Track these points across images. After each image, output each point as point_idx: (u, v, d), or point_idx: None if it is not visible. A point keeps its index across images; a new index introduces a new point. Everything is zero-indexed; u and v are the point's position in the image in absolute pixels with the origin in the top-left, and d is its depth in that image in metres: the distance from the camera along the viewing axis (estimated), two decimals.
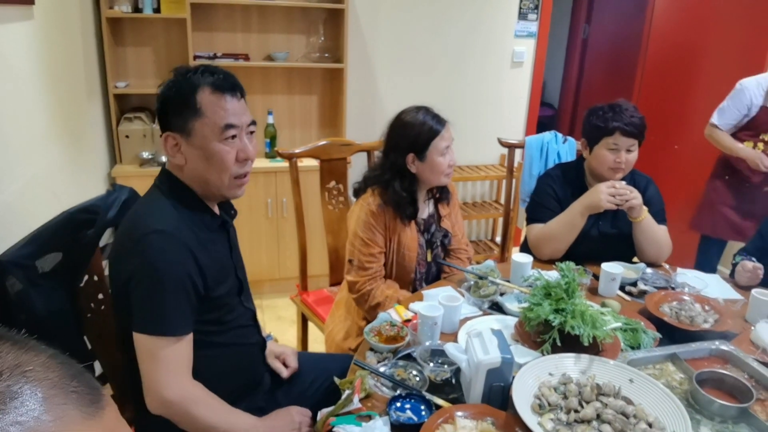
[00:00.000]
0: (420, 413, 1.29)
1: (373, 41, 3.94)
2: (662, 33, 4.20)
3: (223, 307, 1.46)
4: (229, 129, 1.36)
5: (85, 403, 0.49)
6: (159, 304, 1.30)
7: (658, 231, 2.17)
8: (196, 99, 1.34)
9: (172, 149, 1.39)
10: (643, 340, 1.59)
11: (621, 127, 2.09)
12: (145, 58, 3.53)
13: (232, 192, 1.44)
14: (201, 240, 1.39)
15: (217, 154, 1.37)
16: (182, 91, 1.36)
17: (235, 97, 1.38)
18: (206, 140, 1.36)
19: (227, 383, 1.50)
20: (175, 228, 1.33)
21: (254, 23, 3.66)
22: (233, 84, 1.39)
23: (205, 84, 1.35)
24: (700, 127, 3.88)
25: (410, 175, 2.01)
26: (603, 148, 2.14)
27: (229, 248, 1.53)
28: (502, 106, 4.39)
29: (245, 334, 1.56)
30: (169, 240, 1.31)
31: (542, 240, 2.19)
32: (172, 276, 1.30)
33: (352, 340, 2.09)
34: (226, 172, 1.39)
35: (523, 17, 4.20)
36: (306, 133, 3.96)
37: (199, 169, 1.39)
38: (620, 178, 2.15)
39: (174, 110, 1.37)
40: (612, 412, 1.22)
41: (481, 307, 1.81)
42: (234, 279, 1.53)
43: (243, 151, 1.40)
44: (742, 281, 2.07)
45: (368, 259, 2.00)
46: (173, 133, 1.38)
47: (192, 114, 1.35)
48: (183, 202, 1.41)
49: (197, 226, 1.41)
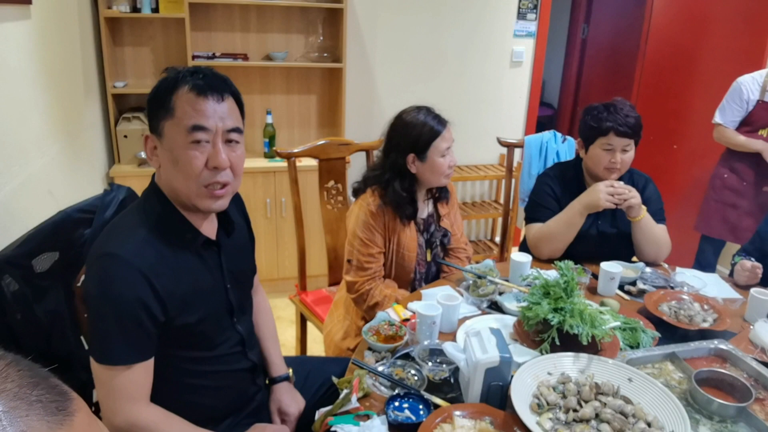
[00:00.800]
0: (418, 413, 1.28)
1: (372, 41, 3.94)
2: (661, 32, 4.20)
3: (199, 333, 1.36)
4: (196, 131, 1.24)
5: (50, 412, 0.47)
6: (105, 332, 1.22)
7: (656, 230, 2.16)
8: (172, 99, 1.25)
9: (151, 152, 1.31)
10: (642, 339, 1.59)
11: (615, 128, 2.08)
12: (143, 57, 3.53)
13: (204, 203, 1.30)
14: (173, 264, 1.29)
15: (183, 158, 1.25)
16: (161, 91, 1.27)
17: (216, 99, 1.26)
18: (174, 142, 1.25)
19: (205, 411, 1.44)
20: (133, 253, 1.23)
21: (253, 23, 3.65)
22: (214, 85, 1.27)
23: (184, 84, 1.25)
24: (698, 127, 3.89)
25: (410, 175, 2.00)
26: (598, 148, 2.14)
27: (219, 268, 1.42)
28: (501, 105, 4.39)
29: (231, 360, 1.46)
30: (120, 265, 1.21)
31: (541, 239, 2.19)
32: (118, 303, 1.21)
33: (350, 339, 2.09)
34: (192, 180, 1.26)
35: (522, 17, 4.20)
36: (305, 133, 3.96)
37: (169, 175, 1.29)
38: (616, 178, 2.15)
39: (151, 110, 1.29)
40: (611, 412, 1.22)
41: (480, 306, 1.80)
42: (223, 301, 1.43)
43: (213, 158, 1.26)
44: (741, 281, 2.07)
45: (367, 259, 2.00)
46: (151, 135, 1.30)
47: (164, 114, 1.26)
48: (161, 221, 1.31)
49: (172, 246, 1.31)
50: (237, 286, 1.48)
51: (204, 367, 1.41)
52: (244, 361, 1.51)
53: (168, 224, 1.32)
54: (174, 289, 1.28)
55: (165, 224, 1.31)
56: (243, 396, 1.53)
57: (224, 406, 1.49)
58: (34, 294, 1.37)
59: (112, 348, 1.23)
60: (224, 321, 1.44)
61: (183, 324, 1.32)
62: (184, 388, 1.39)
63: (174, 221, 1.33)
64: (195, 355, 1.38)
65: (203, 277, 1.37)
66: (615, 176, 2.14)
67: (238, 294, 1.49)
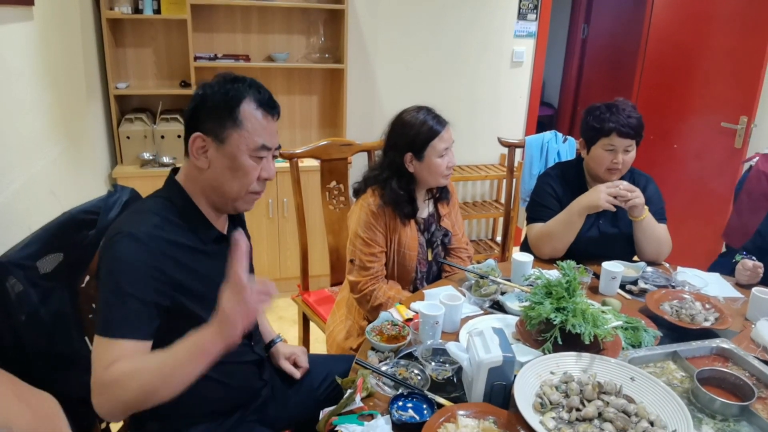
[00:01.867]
0: (422, 412, 1.29)
1: (373, 42, 3.94)
2: (661, 32, 4.20)
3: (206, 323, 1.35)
4: (262, 149, 1.37)
5: None
6: (118, 304, 1.24)
7: (658, 229, 2.17)
8: (239, 110, 1.34)
9: (198, 151, 1.37)
10: (644, 338, 1.59)
11: (617, 128, 2.09)
12: (145, 59, 3.54)
13: (245, 205, 1.45)
14: (185, 252, 1.36)
15: (244, 168, 1.37)
16: (227, 98, 1.35)
17: (274, 118, 1.40)
18: (238, 152, 1.35)
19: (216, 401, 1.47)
20: (150, 234, 1.30)
21: (254, 24, 3.66)
22: (274, 105, 1.40)
23: (251, 97, 1.36)
24: (699, 126, 3.90)
25: (408, 174, 2.00)
26: (600, 148, 2.14)
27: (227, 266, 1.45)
28: (501, 105, 4.39)
29: (237, 352, 1.45)
30: (137, 244, 1.27)
31: (542, 239, 2.19)
32: (132, 278, 1.25)
33: (353, 339, 2.09)
34: (245, 187, 1.39)
35: (523, 17, 4.21)
36: (306, 134, 3.96)
37: (221, 177, 1.38)
38: (617, 178, 2.15)
39: (212, 113, 1.35)
40: (614, 411, 1.22)
41: (482, 306, 1.81)
42: None
43: (266, 171, 1.41)
44: (742, 280, 2.07)
45: (369, 258, 2.00)
46: (204, 135, 1.36)
47: (231, 123, 1.34)
48: (179, 214, 1.39)
49: (187, 239, 1.37)
50: None
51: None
52: (251, 354, 1.56)
53: (185, 216, 1.40)
54: (183, 277, 1.33)
55: (182, 215, 1.39)
56: (250, 390, 1.57)
57: (231, 399, 1.51)
58: (39, 295, 1.37)
59: (120, 319, 1.24)
60: None
61: (190, 313, 1.35)
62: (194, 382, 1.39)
63: (191, 215, 1.41)
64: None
65: (212, 270, 1.40)
66: (616, 177, 2.15)
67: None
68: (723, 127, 3.67)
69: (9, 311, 1.31)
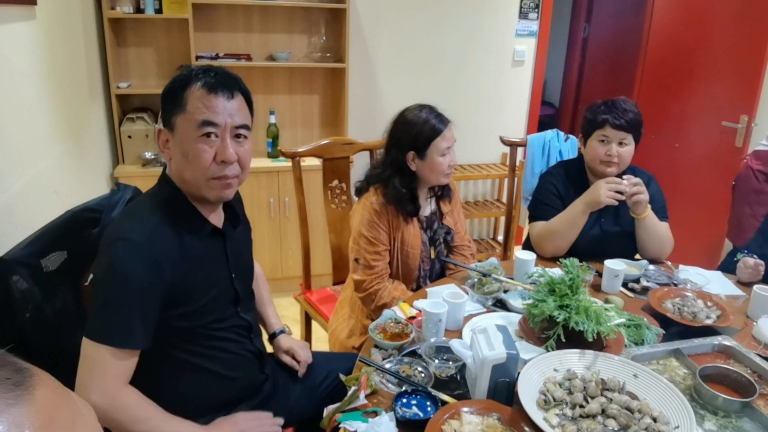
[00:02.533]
0: (426, 409, 1.29)
1: (375, 40, 3.95)
2: (662, 31, 4.21)
3: (207, 317, 1.40)
4: (206, 126, 1.31)
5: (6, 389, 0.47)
6: (106, 311, 1.26)
7: (660, 227, 2.17)
8: (184, 95, 1.32)
9: (163, 144, 1.38)
10: (647, 335, 1.60)
11: (610, 120, 2.10)
12: (147, 58, 3.54)
13: (213, 193, 1.37)
14: (182, 250, 1.35)
15: (193, 151, 1.32)
16: (174, 87, 1.35)
17: (226, 96, 1.33)
18: (185, 136, 1.32)
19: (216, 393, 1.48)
20: (146, 238, 1.28)
21: (256, 23, 3.67)
22: (225, 83, 1.34)
23: (197, 81, 1.33)
24: (699, 125, 3.90)
25: (410, 172, 2.01)
26: (594, 140, 2.16)
27: (225, 258, 1.47)
28: (503, 105, 4.40)
29: (238, 345, 1.51)
30: (134, 250, 1.26)
31: (544, 238, 2.20)
32: (126, 286, 1.25)
33: (355, 338, 2.10)
34: (201, 172, 1.33)
35: (524, 16, 4.21)
36: (308, 133, 3.97)
37: (180, 166, 1.35)
38: (616, 172, 2.16)
39: (165, 105, 1.36)
40: (617, 407, 1.22)
41: (485, 304, 1.81)
42: (229, 289, 1.48)
43: (221, 152, 1.33)
44: (743, 278, 2.07)
45: (374, 257, 2.00)
46: (164, 129, 1.37)
47: (177, 109, 1.33)
48: (171, 209, 1.37)
49: (182, 234, 1.36)
50: (240, 277, 1.54)
51: (212, 353, 1.45)
52: (250, 346, 1.56)
53: (178, 212, 1.38)
54: (182, 275, 1.33)
55: (175, 212, 1.37)
56: (250, 383, 1.58)
57: (232, 392, 1.52)
58: (43, 293, 1.38)
59: (110, 327, 1.25)
60: (228, 309, 1.49)
61: (189, 310, 1.36)
62: (192, 376, 1.43)
63: (184, 209, 1.39)
64: (202, 342, 1.42)
65: (210, 265, 1.42)
66: (612, 170, 2.15)
67: (242, 284, 1.54)
68: (724, 126, 3.67)
69: (13, 309, 1.32)
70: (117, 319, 1.26)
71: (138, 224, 1.31)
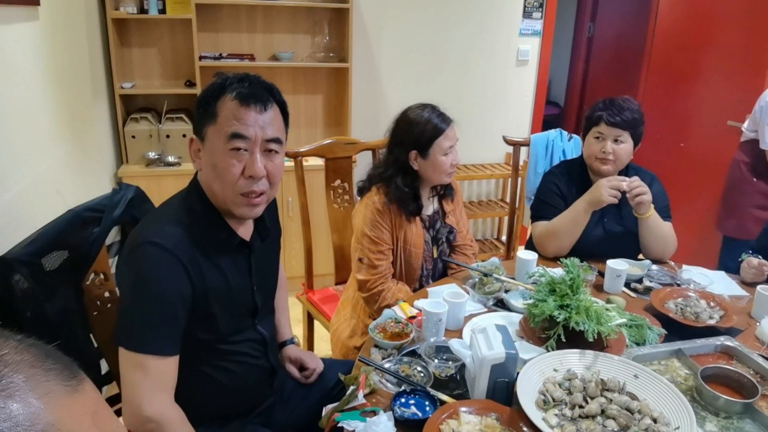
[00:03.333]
0: (424, 409, 1.29)
1: (378, 40, 3.94)
2: (667, 30, 4.19)
3: (223, 328, 1.39)
4: (234, 139, 1.27)
5: (65, 378, 0.50)
6: (142, 319, 1.25)
7: (663, 227, 2.16)
8: (216, 105, 1.28)
9: (195, 153, 1.35)
10: (649, 336, 1.59)
11: (604, 117, 2.11)
12: (150, 58, 3.55)
13: (239, 210, 1.34)
14: (210, 259, 1.34)
15: (222, 164, 1.28)
16: (208, 96, 1.31)
17: (258, 108, 1.28)
18: (215, 147, 1.29)
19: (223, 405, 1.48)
20: (175, 243, 1.27)
21: (259, 23, 3.67)
22: (259, 95, 1.29)
23: (230, 91, 1.28)
24: (705, 125, 3.89)
25: (412, 171, 2.01)
26: (590, 137, 2.18)
27: (248, 270, 1.45)
28: (507, 104, 4.39)
29: (252, 359, 1.50)
30: (162, 254, 1.24)
31: (547, 237, 2.19)
32: (157, 292, 1.24)
33: (357, 338, 2.10)
34: (229, 187, 1.30)
35: (528, 16, 4.20)
36: (311, 133, 3.97)
37: (209, 178, 1.33)
38: (612, 170, 2.15)
39: (198, 114, 1.33)
40: (617, 408, 1.22)
41: (486, 303, 1.81)
42: (249, 301, 1.46)
43: (249, 167, 1.29)
44: (747, 278, 2.06)
45: (377, 256, 2.00)
46: (195, 138, 1.34)
47: (208, 119, 1.29)
48: (200, 218, 1.35)
49: (208, 243, 1.34)
50: (262, 289, 1.52)
51: (223, 364, 1.44)
52: (264, 361, 1.54)
53: (206, 223, 1.36)
54: (205, 285, 1.32)
55: (203, 222, 1.35)
56: (258, 397, 1.56)
57: (238, 404, 1.51)
58: (44, 292, 1.38)
59: (150, 337, 1.24)
60: (245, 321, 1.48)
61: (208, 320, 1.35)
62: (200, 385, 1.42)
63: (212, 220, 1.37)
64: (214, 352, 1.42)
65: (232, 277, 1.40)
66: (607, 167, 2.14)
67: (263, 296, 1.52)
68: (729, 125, 3.65)
69: (14, 307, 1.33)
70: (159, 327, 1.25)
71: (166, 230, 1.29)
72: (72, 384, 0.50)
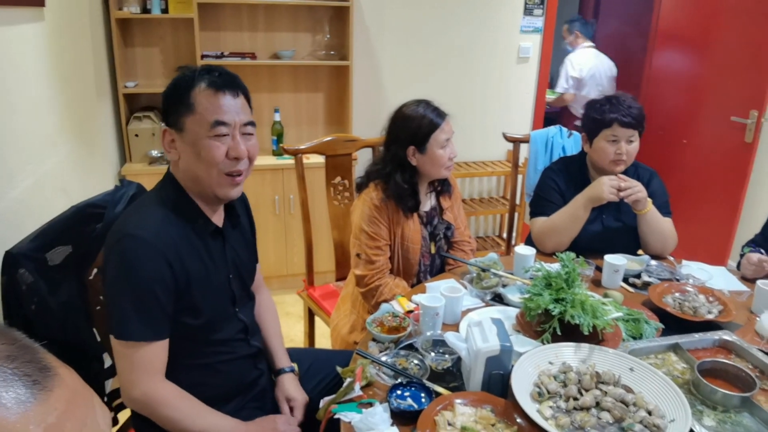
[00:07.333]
0: (420, 401, 1.30)
1: (379, 38, 3.96)
2: (669, 26, 4.19)
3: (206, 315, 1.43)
4: (218, 126, 1.35)
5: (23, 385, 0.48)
6: (125, 310, 1.31)
7: (662, 223, 2.17)
8: (191, 95, 1.35)
9: (168, 145, 1.41)
10: (646, 330, 1.59)
11: (618, 119, 2.10)
12: (153, 58, 3.57)
13: (223, 190, 1.42)
14: (189, 247, 1.39)
15: (206, 149, 1.36)
16: (179, 88, 1.37)
17: (232, 95, 1.38)
18: (197, 136, 1.35)
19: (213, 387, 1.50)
20: (154, 234, 1.33)
21: (261, 22, 3.69)
22: (230, 82, 1.39)
23: (201, 81, 1.36)
24: (708, 121, 3.88)
25: (411, 167, 2.02)
26: (602, 140, 2.15)
27: (223, 258, 1.50)
28: (508, 101, 4.39)
29: (234, 347, 1.54)
30: (142, 245, 1.31)
31: (545, 233, 2.20)
32: (139, 282, 1.30)
33: (357, 333, 2.11)
34: (214, 167, 1.38)
35: (529, 13, 4.20)
36: (313, 131, 3.98)
37: (191, 165, 1.39)
38: (622, 170, 2.16)
39: (170, 106, 1.38)
40: (611, 400, 1.23)
41: (484, 298, 1.82)
42: (227, 289, 1.51)
43: (233, 149, 1.38)
44: (747, 273, 2.06)
45: (375, 252, 2.02)
46: (168, 129, 1.39)
47: (185, 110, 1.36)
48: (176, 207, 1.41)
49: (185, 231, 1.40)
50: (238, 277, 1.56)
51: (207, 350, 1.48)
52: (247, 348, 1.58)
53: (182, 210, 1.41)
54: (186, 272, 1.37)
55: (179, 210, 1.41)
56: (245, 380, 1.59)
57: (227, 390, 1.54)
58: (48, 286, 1.41)
59: (133, 325, 1.31)
60: (228, 309, 1.52)
61: (191, 307, 1.40)
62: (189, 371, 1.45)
63: (188, 208, 1.43)
64: (199, 338, 1.45)
65: (209, 264, 1.44)
66: (621, 168, 2.15)
67: (240, 284, 1.57)
68: (733, 121, 3.65)
69: (20, 301, 1.36)
70: (136, 315, 1.31)
71: (144, 220, 1.35)
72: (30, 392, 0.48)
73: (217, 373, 1.51)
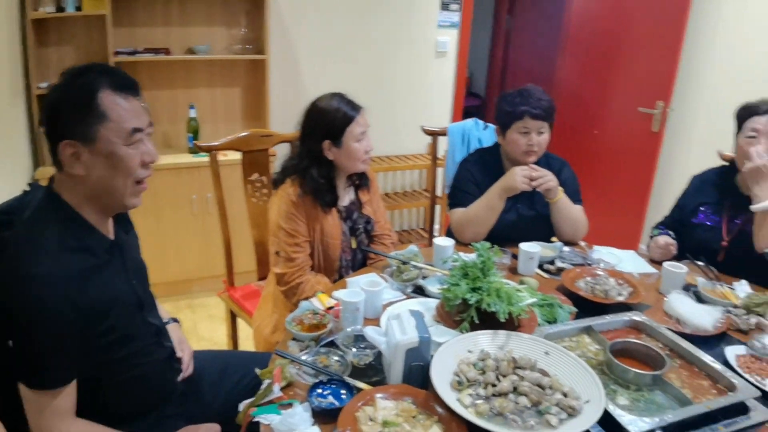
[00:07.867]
0: (341, 398, 1.29)
1: (296, 31, 3.90)
2: (582, 20, 4.32)
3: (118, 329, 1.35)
4: (136, 133, 1.28)
5: None
6: (36, 357, 1.22)
7: (573, 210, 2.24)
8: (97, 102, 1.23)
9: (70, 159, 1.26)
10: (560, 314, 1.64)
11: (529, 111, 2.16)
12: (67, 57, 3.38)
13: (133, 200, 1.35)
14: (89, 270, 1.29)
15: (124, 160, 1.27)
16: (80, 95, 1.24)
17: (136, 97, 1.30)
18: (113, 146, 1.25)
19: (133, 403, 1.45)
20: (52, 269, 1.21)
21: (175, 16, 3.56)
22: (132, 82, 1.30)
23: (104, 85, 1.24)
24: (618, 113, 4.05)
25: (327, 162, 2.00)
26: (514, 132, 2.21)
27: (123, 268, 1.42)
28: (428, 95, 4.43)
29: (148, 352, 1.48)
30: (44, 286, 1.19)
31: (464, 224, 2.23)
32: (48, 328, 1.21)
33: (279, 333, 2.07)
34: (130, 177, 1.30)
35: (446, 7, 4.25)
36: (230, 127, 3.87)
37: (105, 178, 1.28)
38: (534, 160, 2.21)
39: (71, 116, 1.24)
40: (528, 384, 1.25)
41: (405, 291, 1.82)
42: (132, 297, 1.43)
43: (148, 154, 1.32)
44: (655, 256, 2.16)
45: (294, 249, 1.99)
46: (72, 141, 1.24)
47: (94, 119, 1.23)
48: (67, 230, 1.28)
49: (84, 256, 1.29)
50: (139, 281, 1.49)
51: (127, 363, 1.40)
52: (161, 351, 1.53)
53: (74, 232, 1.29)
54: (90, 296, 1.27)
55: (71, 232, 1.29)
56: (167, 384, 1.55)
57: (152, 397, 1.50)
58: None
59: (47, 373, 1.24)
60: (137, 316, 1.44)
61: (103, 328, 1.31)
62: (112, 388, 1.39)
63: (80, 229, 1.31)
64: (117, 355, 1.37)
65: (111, 278, 1.36)
66: (532, 159, 2.21)
67: (143, 288, 1.50)
68: (640, 112, 3.82)
69: None
70: (53, 361, 1.24)
71: (38, 255, 1.22)
72: None
73: (141, 383, 1.45)
